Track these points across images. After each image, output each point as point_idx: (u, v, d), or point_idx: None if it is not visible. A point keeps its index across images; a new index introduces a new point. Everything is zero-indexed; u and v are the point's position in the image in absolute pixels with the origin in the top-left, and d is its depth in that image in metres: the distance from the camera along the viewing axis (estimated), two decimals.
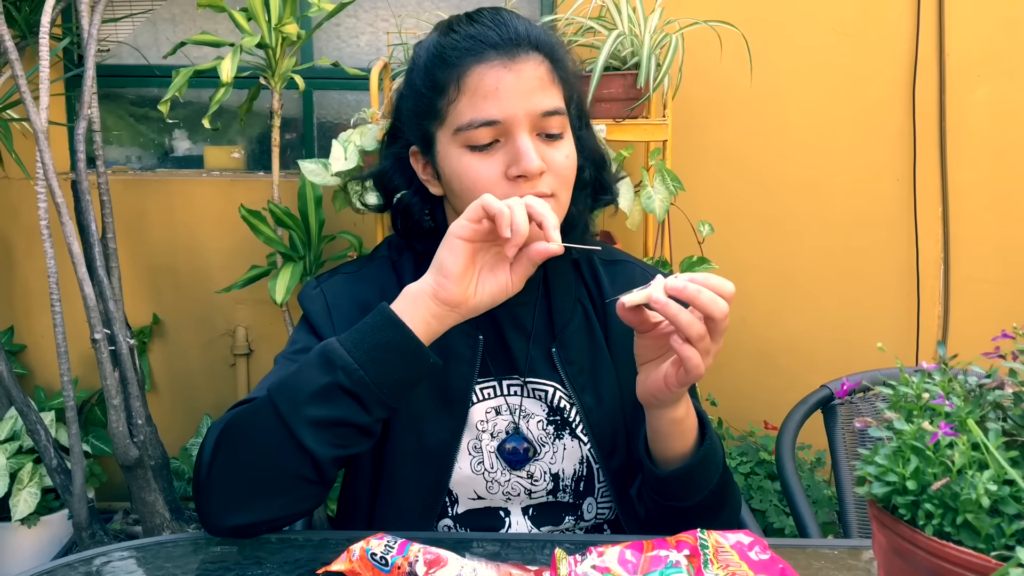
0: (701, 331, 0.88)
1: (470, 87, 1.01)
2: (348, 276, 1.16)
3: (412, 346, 0.93)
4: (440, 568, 0.83)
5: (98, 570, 0.91)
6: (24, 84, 1.95)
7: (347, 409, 0.92)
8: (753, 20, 2.20)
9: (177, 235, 2.51)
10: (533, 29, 1.05)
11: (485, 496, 1.11)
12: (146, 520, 2.19)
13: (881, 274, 2.48)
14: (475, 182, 1.02)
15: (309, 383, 0.93)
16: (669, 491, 1.02)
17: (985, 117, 2.40)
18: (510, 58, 1.01)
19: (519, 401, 1.12)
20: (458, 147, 1.03)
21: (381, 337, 0.92)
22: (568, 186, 1.05)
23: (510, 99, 1.00)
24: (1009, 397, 0.60)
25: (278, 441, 0.93)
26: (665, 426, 0.99)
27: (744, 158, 2.44)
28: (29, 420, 2.15)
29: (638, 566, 0.79)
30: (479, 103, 1.00)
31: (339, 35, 2.58)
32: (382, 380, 0.92)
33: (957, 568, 0.54)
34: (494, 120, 1.00)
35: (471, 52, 1.02)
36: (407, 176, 1.13)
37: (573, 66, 1.10)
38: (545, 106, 1.01)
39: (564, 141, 1.05)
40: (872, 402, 1.46)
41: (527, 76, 1.01)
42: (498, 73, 1.00)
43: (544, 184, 1.02)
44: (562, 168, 1.03)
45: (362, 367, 0.91)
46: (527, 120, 1.01)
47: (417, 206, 1.13)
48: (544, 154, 1.01)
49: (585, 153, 1.10)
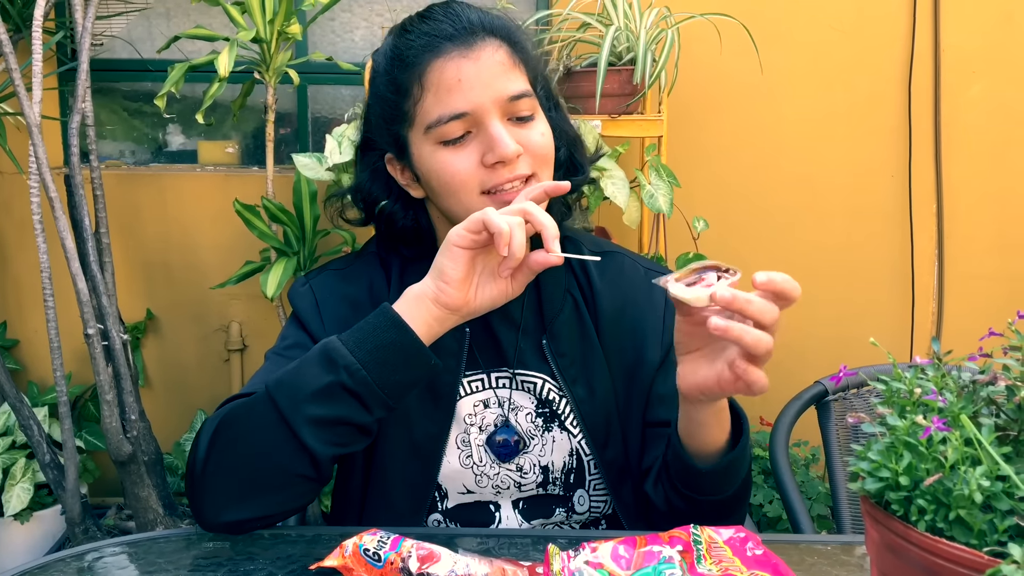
0: (770, 347, 0.82)
1: (432, 83, 1.01)
2: (337, 273, 1.15)
3: (415, 348, 0.93)
4: (433, 563, 0.83)
5: (90, 565, 0.91)
6: (18, 78, 1.94)
7: (348, 408, 0.92)
8: (749, 16, 2.20)
9: (171, 230, 2.50)
10: (487, 16, 1.05)
11: (474, 490, 1.11)
12: (139, 515, 2.18)
13: (876, 270, 2.48)
14: (453, 176, 1.01)
15: (311, 381, 0.93)
16: (708, 485, 0.99)
17: (980, 113, 2.41)
18: (467, 47, 1.01)
19: (508, 394, 1.11)
20: (431, 145, 1.02)
21: (384, 338, 0.92)
22: (547, 164, 1.04)
23: (474, 89, 0.99)
24: (1002, 392, 0.60)
25: (277, 438, 0.93)
26: (708, 417, 0.96)
27: (739, 154, 2.44)
28: (22, 415, 2.14)
29: (631, 561, 0.79)
30: (444, 98, 1.00)
31: (334, 30, 2.57)
32: (384, 381, 0.92)
33: (950, 564, 0.54)
34: (462, 112, 1.00)
35: (428, 48, 1.01)
36: (386, 185, 1.12)
37: (533, 48, 1.09)
38: (511, 90, 1.01)
39: (537, 120, 1.04)
40: (866, 398, 1.46)
41: (487, 62, 1.00)
42: (457, 64, 1.00)
43: (523, 166, 1.01)
44: (539, 147, 1.03)
45: (365, 367, 0.91)
46: (495, 107, 1.00)
47: (400, 213, 1.12)
48: (518, 137, 1.01)
49: (557, 133, 1.09)
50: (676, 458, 1.00)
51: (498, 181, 1.00)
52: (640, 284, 1.15)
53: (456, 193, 1.02)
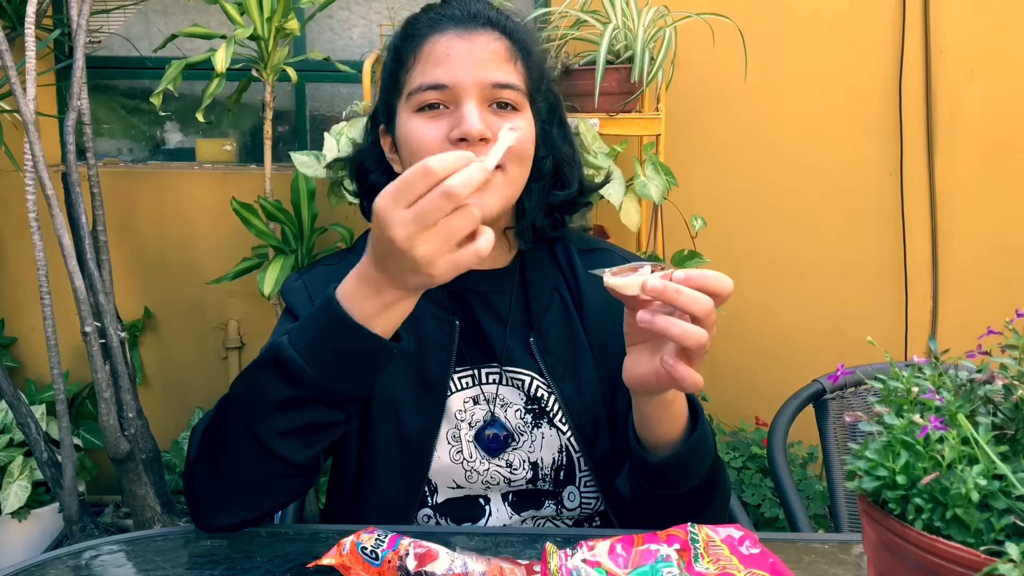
0: (702, 341, 0.82)
1: (424, 54, 1.04)
2: (329, 267, 1.16)
3: (374, 345, 0.86)
4: (431, 562, 0.83)
5: (87, 563, 0.91)
6: (14, 75, 1.94)
7: (316, 413, 0.90)
8: (744, 15, 2.20)
9: (168, 228, 2.50)
10: (500, 15, 1.07)
11: (464, 485, 1.11)
12: (137, 513, 2.18)
13: (871, 269, 2.48)
14: (419, 142, 1.01)
15: (272, 394, 0.88)
16: (662, 478, 1.00)
17: (976, 114, 2.41)
18: (466, 29, 1.03)
19: (495, 390, 1.12)
20: (409, 112, 1.04)
21: (339, 343, 0.86)
22: (520, 161, 1.03)
23: (460, 66, 1.01)
24: (999, 391, 0.60)
25: (252, 451, 0.91)
26: (654, 411, 0.96)
27: (736, 153, 2.44)
28: (19, 413, 2.14)
29: (628, 560, 0.79)
30: (430, 69, 1.02)
31: (332, 27, 2.57)
32: (347, 382, 0.88)
33: (946, 562, 0.54)
34: (441, 84, 1.01)
35: (430, 24, 1.05)
36: (378, 158, 1.14)
37: (541, 61, 1.10)
38: (496, 78, 1.02)
39: (519, 116, 1.04)
40: (863, 397, 1.46)
41: (480, 47, 1.03)
42: (450, 40, 1.03)
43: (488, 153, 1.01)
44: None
45: (323, 375, 0.86)
46: (475, 88, 1.01)
47: (382, 185, 1.11)
48: (492, 124, 1.01)
49: (547, 143, 1.10)
50: (631, 449, 1.01)
51: None
52: None
53: (419, 159, 1.00)
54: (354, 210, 2.30)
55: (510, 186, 1.03)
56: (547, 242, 1.17)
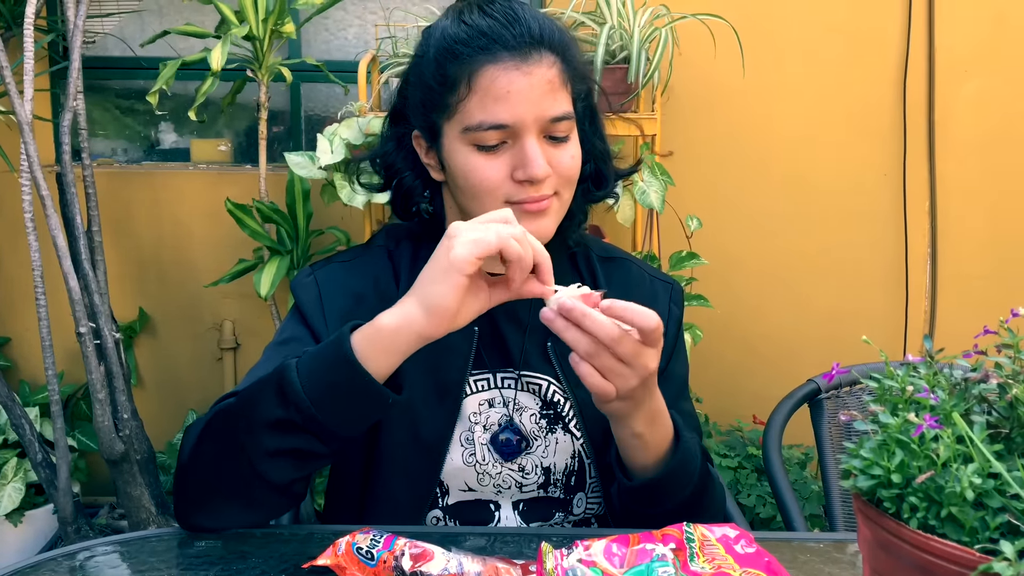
0: (588, 349, 0.87)
1: (481, 87, 1.00)
2: (343, 265, 1.15)
3: (371, 390, 0.88)
4: (426, 562, 0.83)
5: (81, 564, 0.90)
6: (9, 76, 1.93)
7: (303, 441, 0.91)
8: (743, 15, 2.20)
9: (163, 228, 2.50)
10: (547, 27, 1.04)
11: (476, 488, 1.11)
12: (132, 515, 2.18)
13: (869, 269, 2.48)
14: (481, 182, 1.02)
15: (265, 412, 0.90)
16: (637, 498, 1.02)
17: (973, 113, 2.41)
18: (523, 59, 1.00)
19: (513, 394, 1.12)
20: (465, 145, 1.03)
21: (337, 376, 0.88)
22: (571, 185, 1.07)
23: (521, 104, 1.00)
24: (994, 390, 0.61)
25: (240, 465, 0.92)
26: (625, 438, 0.99)
27: (733, 153, 2.44)
28: (13, 414, 2.13)
29: (624, 559, 0.79)
30: (490, 105, 1.00)
31: (327, 28, 2.56)
32: (336, 420, 0.89)
33: (941, 561, 0.54)
34: (504, 124, 1.00)
35: (484, 51, 1.01)
36: (409, 158, 1.13)
37: (582, 58, 1.10)
38: (555, 112, 1.02)
39: (570, 143, 1.05)
40: (859, 396, 1.46)
41: (539, 80, 1.01)
42: (511, 76, 1.00)
43: (548, 186, 1.03)
44: (567, 170, 1.04)
45: (315, 405, 0.88)
46: (536, 125, 1.01)
47: (419, 190, 1.13)
48: (550, 157, 1.02)
49: (586, 148, 1.11)
50: (613, 468, 1.05)
51: (523, 197, 1.02)
52: (645, 292, 1.17)
53: (480, 197, 1.03)
54: (349, 211, 2.31)
55: (564, 207, 1.07)
56: (567, 250, 1.17)
